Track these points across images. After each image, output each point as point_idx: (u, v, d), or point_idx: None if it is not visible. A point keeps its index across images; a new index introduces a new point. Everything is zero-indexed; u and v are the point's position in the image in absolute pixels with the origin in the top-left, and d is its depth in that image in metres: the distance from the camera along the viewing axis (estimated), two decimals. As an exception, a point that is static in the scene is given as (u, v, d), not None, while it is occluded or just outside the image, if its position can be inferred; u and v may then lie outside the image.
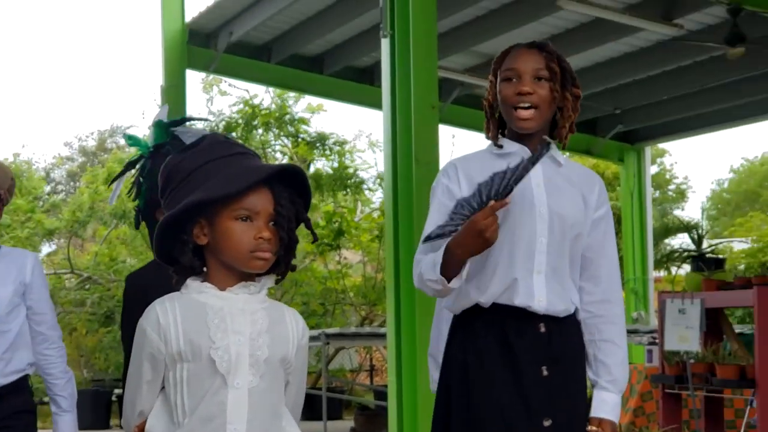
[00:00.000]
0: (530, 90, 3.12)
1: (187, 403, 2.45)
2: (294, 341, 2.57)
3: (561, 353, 3.11)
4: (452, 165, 3.24)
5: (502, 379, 3.06)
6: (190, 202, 2.49)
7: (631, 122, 13.50)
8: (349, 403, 15.20)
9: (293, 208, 2.54)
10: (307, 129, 16.18)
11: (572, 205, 3.15)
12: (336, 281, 16.36)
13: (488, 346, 3.09)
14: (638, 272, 13.87)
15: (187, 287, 2.54)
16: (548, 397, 3.06)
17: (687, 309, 6.41)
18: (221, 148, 2.56)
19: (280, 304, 2.66)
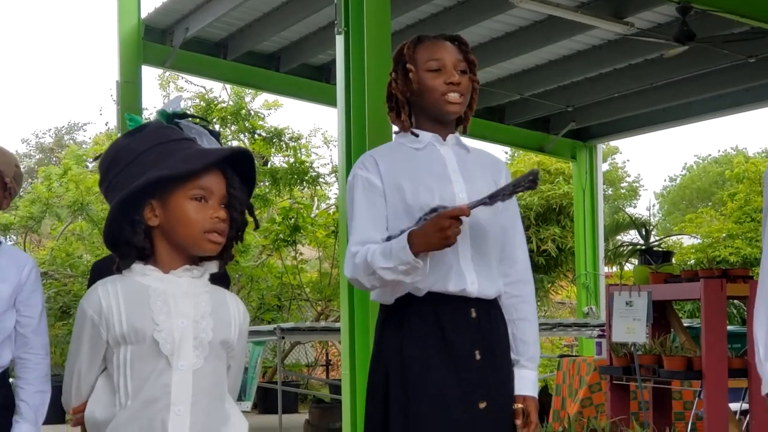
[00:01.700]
0: (459, 80, 3.22)
1: (131, 385, 2.45)
2: (236, 325, 2.60)
3: (492, 337, 3.19)
4: (370, 157, 3.29)
5: (438, 365, 3.11)
6: (149, 179, 2.49)
7: (583, 120, 13.64)
8: (304, 396, 15.26)
9: (243, 191, 2.58)
10: (263, 125, 16.21)
11: (487, 189, 3.21)
12: (292, 277, 16.41)
13: (423, 334, 3.13)
14: (589, 268, 14.00)
15: (130, 270, 2.54)
16: (483, 380, 3.14)
17: (634, 301, 6.51)
18: (170, 133, 2.60)
19: (220, 288, 2.66)
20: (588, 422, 6.27)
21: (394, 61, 3.34)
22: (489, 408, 3.12)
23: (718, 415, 6.32)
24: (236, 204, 2.54)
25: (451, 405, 3.09)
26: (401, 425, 3.12)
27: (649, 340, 6.66)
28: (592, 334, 12.23)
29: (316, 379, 16.72)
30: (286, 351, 15.79)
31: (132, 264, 2.54)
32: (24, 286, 3.65)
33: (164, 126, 2.65)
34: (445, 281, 3.13)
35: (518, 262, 3.33)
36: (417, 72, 3.24)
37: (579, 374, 8.91)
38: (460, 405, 3.10)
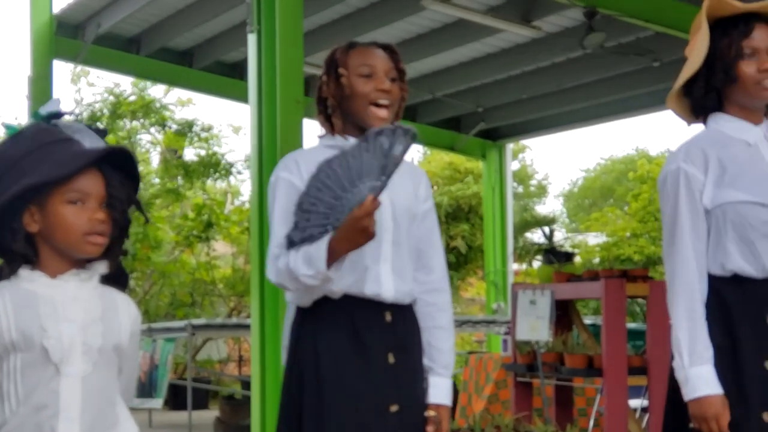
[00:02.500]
0: (389, 88, 3.23)
1: (20, 392, 2.42)
2: (127, 327, 2.56)
3: (406, 341, 3.22)
4: (292, 159, 3.27)
5: (352, 368, 3.13)
6: (21, 187, 2.45)
7: (492, 120, 13.82)
8: (216, 393, 15.26)
9: (124, 190, 2.55)
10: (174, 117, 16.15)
11: (407, 196, 3.26)
12: (205, 273, 16.40)
13: (338, 336, 3.15)
14: (498, 265, 14.18)
15: (18, 276, 2.50)
16: (395, 384, 3.16)
17: (537, 300, 6.65)
18: (46, 135, 2.55)
19: (111, 290, 2.62)
20: (493, 419, 6.39)
21: (326, 65, 3.32)
22: (400, 412, 3.16)
23: (619, 411, 6.46)
24: (116, 203, 2.51)
25: (364, 408, 3.12)
26: (314, 427, 3.13)
27: (552, 338, 6.80)
28: (500, 330, 12.40)
29: (227, 376, 16.72)
30: (197, 347, 15.78)
31: (18, 270, 2.51)
32: None
33: (42, 129, 2.60)
34: (360, 285, 3.14)
35: (435, 270, 3.35)
36: (348, 76, 3.24)
37: (486, 371, 9.07)
38: (373, 408, 3.13)
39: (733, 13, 3.14)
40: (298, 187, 3.16)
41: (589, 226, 22.32)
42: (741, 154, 3.12)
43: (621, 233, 17.57)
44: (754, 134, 3.17)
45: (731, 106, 3.18)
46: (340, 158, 3.07)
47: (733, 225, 3.07)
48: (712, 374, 3.03)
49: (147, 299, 15.65)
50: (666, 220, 3.21)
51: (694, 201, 3.11)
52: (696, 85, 3.19)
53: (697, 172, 3.11)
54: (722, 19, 3.15)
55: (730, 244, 3.07)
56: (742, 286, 3.08)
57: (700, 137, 3.20)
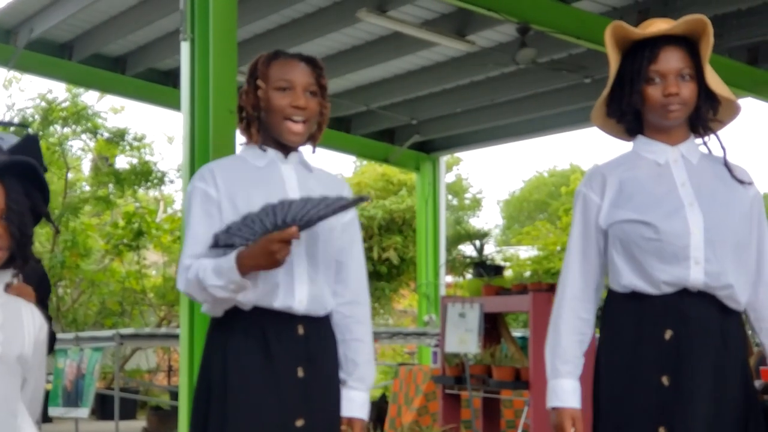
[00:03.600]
0: (305, 105, 3.21)
1: None
2: (30, 337, 2.52)
3: (318, 354, 3.20)
4: (209, 169, 3.25)
5: (258, 380, 3.11)
6: None
7: (427, 132, 13.89)
8: (144, 403, 15.13)
9: (27, 201, 2.50)
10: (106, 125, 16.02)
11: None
12: (135, 281, 16.27)
13: (247, 348, 3.13)
14: (431, 277, 14.23)
15: None
16: (303, 398, 3.14)
17: (467, 313, 6.69)
18: None
19: (16, 299, 2.60)
20: (421, 431, 6.42)
21: (248, 74, 3.30)
22: (306, 426, 3.14)
23: (545, 423, 6.51)
24: (14, 217, 2.45)
25: (268, 421, 3.10)
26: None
27: (480, 351, 6.84)
28: (431, 343, 12.45)
29: (156, 386, 16.59)
30: (126, 357, 15.64)
31: None
32: None
33: None
34: (270, 297, 3.13)
35: (353, 282, 3.35)
36: (266, 89, 3.22)
37: (415, 383, 9.09)
38: (277, 421, 3.11)
39: (641, 38, 3.19)
40: (212, 197, 3.16)
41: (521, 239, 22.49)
42: (645, 175, 3.21)
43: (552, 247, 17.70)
44: (666, 155, 3.23)
45: (647, 127, 3.26)
46: (303, 200, 3.08)
47: (621, 243, 3.17)
48: (568, 387, 3.21)
49: (75, 307, 15.48)
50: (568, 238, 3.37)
51: (587, 223, 3.25)
52: (612, 106, 3.26)
53: (595, 195, 3.24)
54: (635, 42, 3.20)
55: (621, 261, 3.18)
56: (641, 303, 3.15)
57: (609, 161, 3.31)
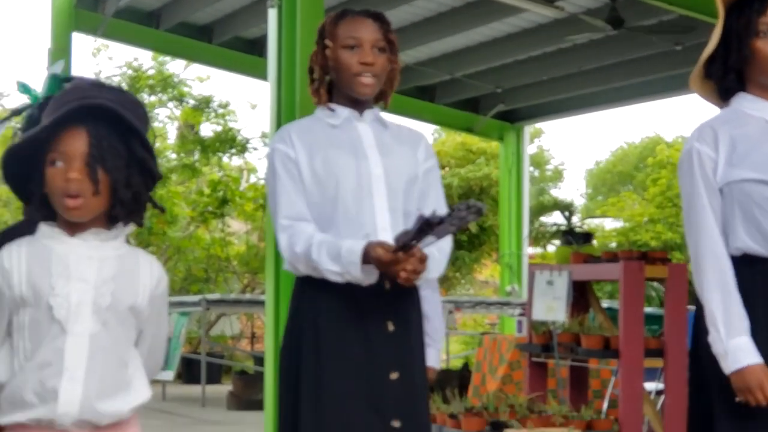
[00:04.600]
0: (373, 61, 3.23)
1: (28, 347, 2.41)
2: (146, 290, 2.53)
3: (405, 308, 3.23)
4: (286, 131, 3.31)
5: (351, 336, 3.15)
6: (5, 152, 2.47)
7: (512, 101, 13.77)
8: (228, 368, 15.30)
9: (117, 146, 2.46)
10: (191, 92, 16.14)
11: (405, 161, 3.29)
12: (219, 249, 16.41)
13: (338, 304, 3.16)
14: (513, 248, 14.14)
15: (40, 231, 2.50)
16: (395, 351, 3.17)
17: (555, 281, 6.61)
18: (70, 95, 2.52)
19: (138, 251, 2.60)
20: (507, 399, 6.38)
21: (318, 35, 3.34)
22: (401, 379, 3.17)
23: (634, 393, 6.44)
24: (94, 162, 2.42)
25: (362, 375, 3.14)
26: (311, 393, 3.15)
27: (568, 319, 6.76)
28: (514, 312, 12.39)
29: (240, 351, 16.75)
30: (211, 322, 15.80)
31: (39, 225, 2.51)
32: None
33: (74, 87, 2.57)
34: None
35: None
36: (334, 48, 3.26)
37: (499, 352, 9.05)
38: (372, 375, 3.14)
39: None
40: (292, 157, 3.23)
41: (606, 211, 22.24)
42: (756, 132, 3.09)
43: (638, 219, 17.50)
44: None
45: (751, 85, 3.15)
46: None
47: (739, 204, 3.04)
48: (750, 344, 2.98)
49: (162, 273, 15.60)
50: (685, 200, 3.19)
51: (708, 178, 3.09)
52: (714, 66, 3.17)
53: (709, 150, 3.09)
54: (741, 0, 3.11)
55: (738, 223, 3.05)
56: (752, 266, 3.05)
57: (715, 117, 3.18)
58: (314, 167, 3.22)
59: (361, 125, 3.32)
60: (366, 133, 3.30)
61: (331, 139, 3.27)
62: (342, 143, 3.27)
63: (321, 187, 3.22)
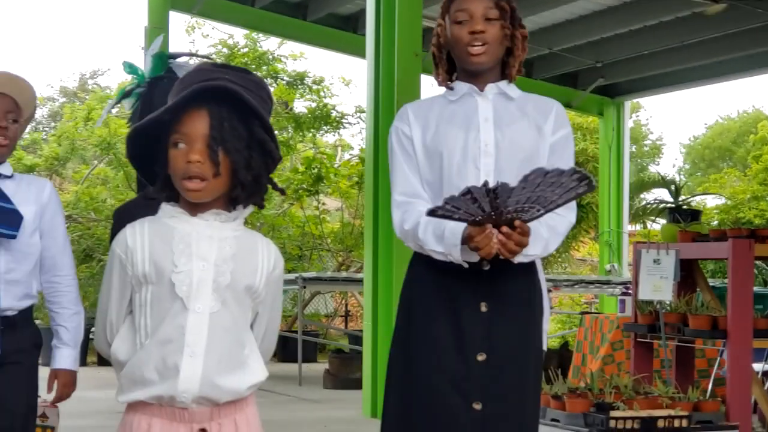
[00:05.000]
0: (482, 29, 3.17)
1: (150, 324, 2.45)
2: (263, 272, 2.56)
3: (502, 289, 3.14)
4: (405, 109, 3.32)
5: (440, 315, 3.12)
6: (129, 133, 2.53)
7: (611, 76, 13.57)
8: (323, 346, 15.32)
9: (238, 128, 2.47)
10: (286, 69, 16.17)
11: (524, 135, 3.20)
12: (314, 227, 16.43)
13: (434, 281, 3.14)
14: (613, 225, 13.97)
15: (162, 210, 2.54)
16: (485, 333, 3.10)
17: (662, 259, 6.48)
18: (194, 77, 2.52)
19: (256, 234, 2.64)
20: (611, 379, 6.26)
21: (440, 15, 3.33)
22: (488, 361, 3.09)
23: (742, 373, 6.32)
24: (215, 144, 2.43)
25: (449, 356, 3.10)
26: (401, 368, 3.18)
27: (674, 299, 6.63)
28: (614, 291, 12.22)
29: (335, 329, 16.78)
30: (306, 301, 15.84)
31: (162, 205, 2.55)
32: (46, 207, 3.64)
33: (198, 69, 2.58)
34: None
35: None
36: (448, 24, 3.25)
37: (601, 331, 8.91)
38: (458, 356, 3.09)
39: None
40: (408, 135, 3.24)
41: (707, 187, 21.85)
42: None
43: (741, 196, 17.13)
44: None
45: None
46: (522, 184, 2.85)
47: None
48: None
49: (256, 251, 15.68)
50: None
51: None
52: None
53: None
54: None
55: None
56: None
57: None
58: (425, 142, 3.22)
59: (480, 99, 3.25)
60: (484, 106, 3.23)
61: (446, 114, 3.24)
62: (455, 117, 3.23)
63: (429, 162, 3.20)
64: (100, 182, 16.43)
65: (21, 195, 3.59)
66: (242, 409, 2.52)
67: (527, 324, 3.20)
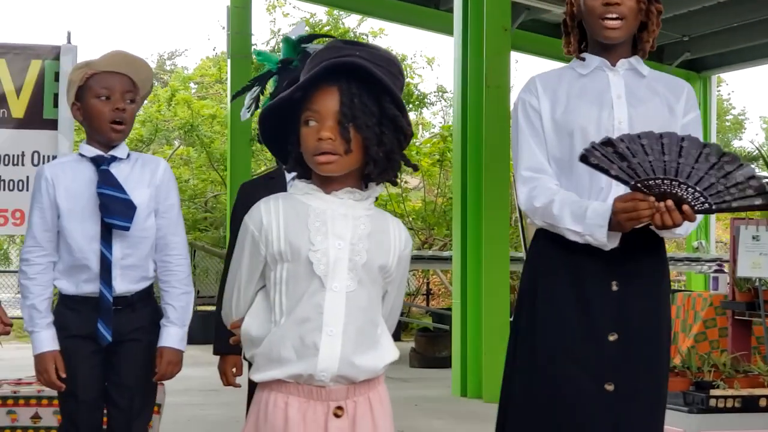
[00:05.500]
0: (619, 1, 3.08)
1: (285, 303, 2.44)
2: (395, 251, 2.54)
3: (634, 268, 3.08)
4: (533, 80, 3.24)
5: (569, 294, 3.06)
6: (261, 113, 2.53)
7: (698, 50, 13.36)
8: (406, 324, 15.34)
9: (368, 104, 2.44)
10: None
11: (656, 114, 3.12)
12: (396, 205, 16.42)
13: (562, 260, 3.08)
14: (700, 201, 13.77)
15: (296, 187, 2.53)
16: (616, 313, 3.04)
17: (761, 236, 6.38)
18: (325, 54, 2.51)
19: (386, 213, 2.62)
20: (708, 357, 6.17)
21: None
22: (620, 341, 3.04)
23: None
24: (345, 120, 2.41)
25: (579, 336, 3.04)
26: (527, 347, 3.13)
27: (774, 276, 6.53)
28: (703, 268, 12.07)
29: (418, 308, 16.78)
30: (389, 279, 15.85)
31: (295, 182, 2.54)
32: (160, 187, 3.64)
33: (329, 46, 2.55)
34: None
35: None
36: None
37: (694, 309, 8.81)
38: (589, 337, 3.04)
39: None
40: (536, 108, 3.17)
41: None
42: None
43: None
44: None
45: None
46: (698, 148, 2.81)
47: None
48: None
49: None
50: None
51: None
52: None
53: None
54: None
55: None
56: None
57: None
58: (555, 117, 3.14)
59: (612, 74, 3.18)
60: (616, 82, 3.15)
61: (577, 88, 3.17)
62: (587, 93, 3.15)
63: (560, 137, 3.13)
64: (183, 163, 16.56)
65: (135, 178, 3.60)
66: (375, 387, 2.52)
67: (658, 302, 3.14)
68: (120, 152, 3.62)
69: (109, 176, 3.56)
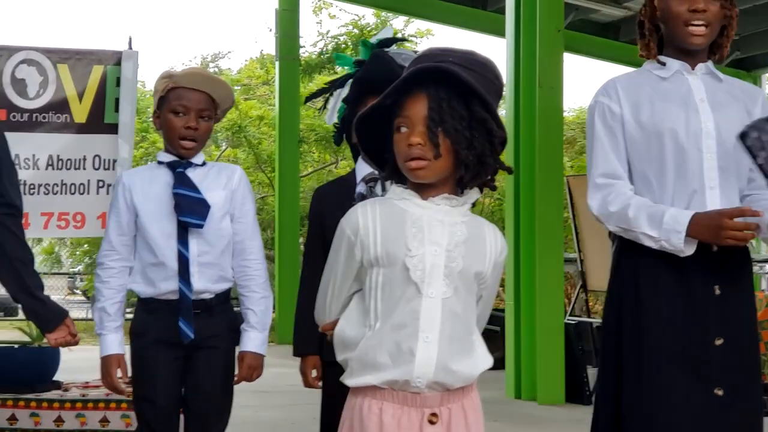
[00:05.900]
0: (704, 7, 3.09)
1: (381, 308, 2.45)
2: (491, 257, 2.54)
3: (734, 271, 3.08)
4: (612, 83, 3.22)
5: (673, 299, 3.04)
6: (356, 121, 2.54)
7: (748, 49, 13.26)
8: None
9: (458, 109, 2.45)
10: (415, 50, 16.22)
11: (737, 118, 3.11)
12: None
13: (659, 265, 3.06)
14: (751, 200, 13.69)
15: (393, 192, 2.54)
16: (720, 317, 3.03)
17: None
18: (419, 61, 2.53)
19: (481, 219, 2.62)
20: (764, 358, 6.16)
21: None
22: (726, 345, 3.03)
23: None
24: (433, 125, 2.42)
25: (686, 338, 3.02)
26: (632, 350, 3.09)
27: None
28: (755, 268, 11.98)
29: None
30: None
31: (392, 187, 2.55)
32: (236, 192, 3.67)
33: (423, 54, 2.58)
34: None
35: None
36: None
37: (750, 310, 8.76)
38: (696, 341, 3.02)
39: None
40: (615, 112, 3.16)
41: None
42: None
43: None
44: None
45: None
46: None
47: None
48: None
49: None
50: None
51: None
52: None
53: None
54: None
55: None
56: None
57: None
58: (641, 121, 3.14)
59: (692, 78, 3.19)
60: (697, 86, 3.17)
61: (660, 92, 3.16)
62: (671, 96, 3.15)
63: (647, 141, 3.13)
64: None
65: (209, 181, 3.64)
66: (469, 394, 2.52)
67: (753, 307, 3.16)
68: (196, 159, 3.68)
69: (184, 178, 3.62)
